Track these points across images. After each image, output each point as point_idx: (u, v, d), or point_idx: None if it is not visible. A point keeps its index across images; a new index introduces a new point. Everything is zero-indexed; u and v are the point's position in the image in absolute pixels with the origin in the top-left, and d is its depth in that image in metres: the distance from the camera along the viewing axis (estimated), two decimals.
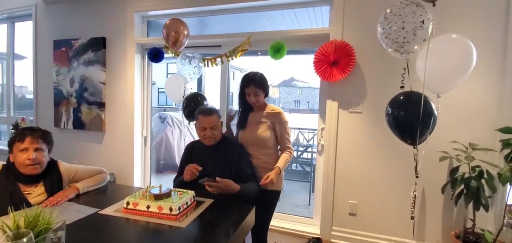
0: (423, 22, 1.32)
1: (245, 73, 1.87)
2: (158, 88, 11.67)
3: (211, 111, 1.67)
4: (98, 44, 2.94)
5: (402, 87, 1.49)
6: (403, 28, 1.35)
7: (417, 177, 1.49)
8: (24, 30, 3.47)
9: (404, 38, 1.36)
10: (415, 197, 1.49)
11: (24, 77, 3.62)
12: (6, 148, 3.44)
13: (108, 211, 1.20)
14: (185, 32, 2.27)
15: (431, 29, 1.34)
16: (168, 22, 2.26)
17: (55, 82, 3.15)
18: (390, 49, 1.44)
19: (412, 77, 1.55)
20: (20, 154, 1.32)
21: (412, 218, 1.61)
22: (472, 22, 1.90)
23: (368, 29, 2.11)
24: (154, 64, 2.92)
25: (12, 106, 3.64)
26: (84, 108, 3.04)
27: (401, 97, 1.51)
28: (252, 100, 1.80)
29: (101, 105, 2.96)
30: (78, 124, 3.07)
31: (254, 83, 1.77)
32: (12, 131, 3.41)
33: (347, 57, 2.09)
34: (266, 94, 1.88)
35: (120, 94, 2.92)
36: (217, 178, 1.44)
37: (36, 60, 3.28)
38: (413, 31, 1.34)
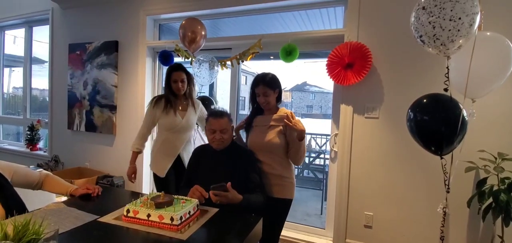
0: (480, 12, 1.14)
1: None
2: None
3: (222, 114, 1.61)
4: (111, 47, 2.96)
5: (446, 89, 1.31)
6: (451, 20, 1.14)
7: (448, 191, 1.34)
8: (44, 35, 3.56)
9: (458, 30, 1.14)
10: (445, 214, 1.34)
11: (45, 80, 3.68)
12: (23, 149, 3.51)
13: (108, 218, 1.15)
14: (203, 33, 2.23)
15: (478, 24, 1.17)
16: (184, 22, 2.22)
17: (70, 85, 3.20)
18: (429, 46, 1.24)
19: (431, 79, 1.43)
20: None
21: (442, 238, 1.46)
22: (503, 18, 1.74)
23: (386, 29, 2.00)
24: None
25: (28, 109, 3.73)
26: (96, 111, 3.07)
27: (425, 101, 1.37)
28: (261, 101, 1.72)
29: (113, 108, 2.98)
30: (90, 126, 3.10)
31: (263, 83, 1.70)
32: (28, 132, 3.50)
33: (363, 60, 1.98)
34: (279, 97, 1.79)
35: (131, 97, 2.92)
36: (228, 184, 1.36)
37: (52, 64, 3.36)
38: (463, 25, 1.14)
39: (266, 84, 1.70)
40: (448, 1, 1.14)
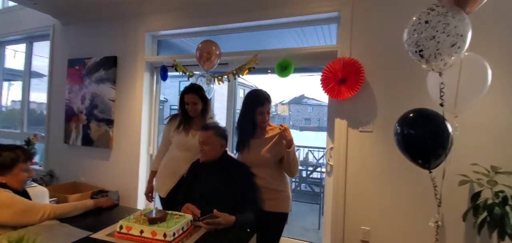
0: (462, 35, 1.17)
1: (251, 91, 1.85)
2: (170, 105, 11.89)
3: (208, 128, 1.64)
4: (110, 62, 3.00)
5: (441, 104, 1.31)
6: (455, 36, 1.15)
7: (439, 205, 1.35)
8: (44, 50, 3.60)
9: (458, 47, 1.16)
10: (438, 227, 1.34)
11: (43, 94, 3.71)
12: None
13: (101, 235, 1.15)
14: (217, 53, 2.36)
15: (468, 43, 1.20)
16: (200, 44, 2.37)
17: (67, 100, 3.22)
18: (429, 61, 1.23)
19: (423, 94, 1.46)
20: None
21: None
22: (493, 39, 1.79)
23: (377, 45, 2.06)
24: (166, 82, 2.97)
25: (25, 122, 3.74)
26: (93, 125, 3.07)
27: (411, 115, 1.40)
28: (265, 119, 1.76)
29: (110, 122, 2.99)
30: (87, 141, 3.10)
31: (268, 101, 1.76)
32: (24, 147, 3.48)
33: (356, 75, 2.02)
34: None
35: (128, 112, 2.94)
36: (215, 211, 1.35)
37: (51, 78, 3.39)
38: (463, 42, 1.17)
39: (270, 102, 1.77)
40: (451, 17, 1.15)
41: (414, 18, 1.25)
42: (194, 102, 1.93)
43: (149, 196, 2.11)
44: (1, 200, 1.25)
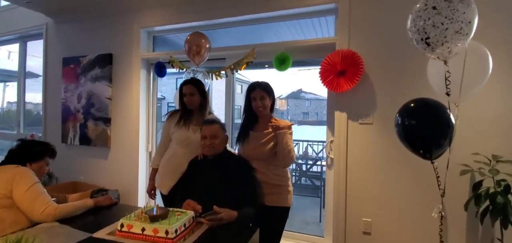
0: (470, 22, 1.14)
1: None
2: (168, 103, 11.83)
3: (214, 122, 1.67)
4: (105, 60, 2.96)
5: (448, 94, 1.28)
6: (463, 22, 1.11)
7: (442, 195, 1.35)
8: (38, 50, 3.55)
9: (466, 34, 1.13)
10: (441, 218, 1.34)
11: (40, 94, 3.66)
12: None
13: (101, 233, 1.13)
14: (207, 46, 2.30)
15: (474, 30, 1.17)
16: (189, 37, 2.30)
17: (63, 99, 3.18)
18: (435, 48, 1.19)
19: (421, 84, 1.43)
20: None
21: None
22: (492, 25, 1.77)
23: (376, 37, 2.04)
24: (163, 79, 2.93)
25: (22, 123, 3.69)
26: (90, 124, 3.04)
27: (412, 105, 1.38)
28: (258, 105, 1.74)
29: (107, 121, 2.96)
30: (84, 140, 3.07)
31: (259, 86, 1.76)
32: None
33: (355, 67, 2.00)
34: (273, 103, 1.82)
35: (125, 110, 2.91)
36: (214, 207, 1.34)
37: (45, 78, 3.34)
38: (470, 28, 1.14)
39: (263, 88, 1.75)
40: (459, 3, 1.11)
41: (419, 4, 1.21)
42: (192, 93, 1.93)
43: (151, 193, 2.10)
44: (28, 174, 1.43)
